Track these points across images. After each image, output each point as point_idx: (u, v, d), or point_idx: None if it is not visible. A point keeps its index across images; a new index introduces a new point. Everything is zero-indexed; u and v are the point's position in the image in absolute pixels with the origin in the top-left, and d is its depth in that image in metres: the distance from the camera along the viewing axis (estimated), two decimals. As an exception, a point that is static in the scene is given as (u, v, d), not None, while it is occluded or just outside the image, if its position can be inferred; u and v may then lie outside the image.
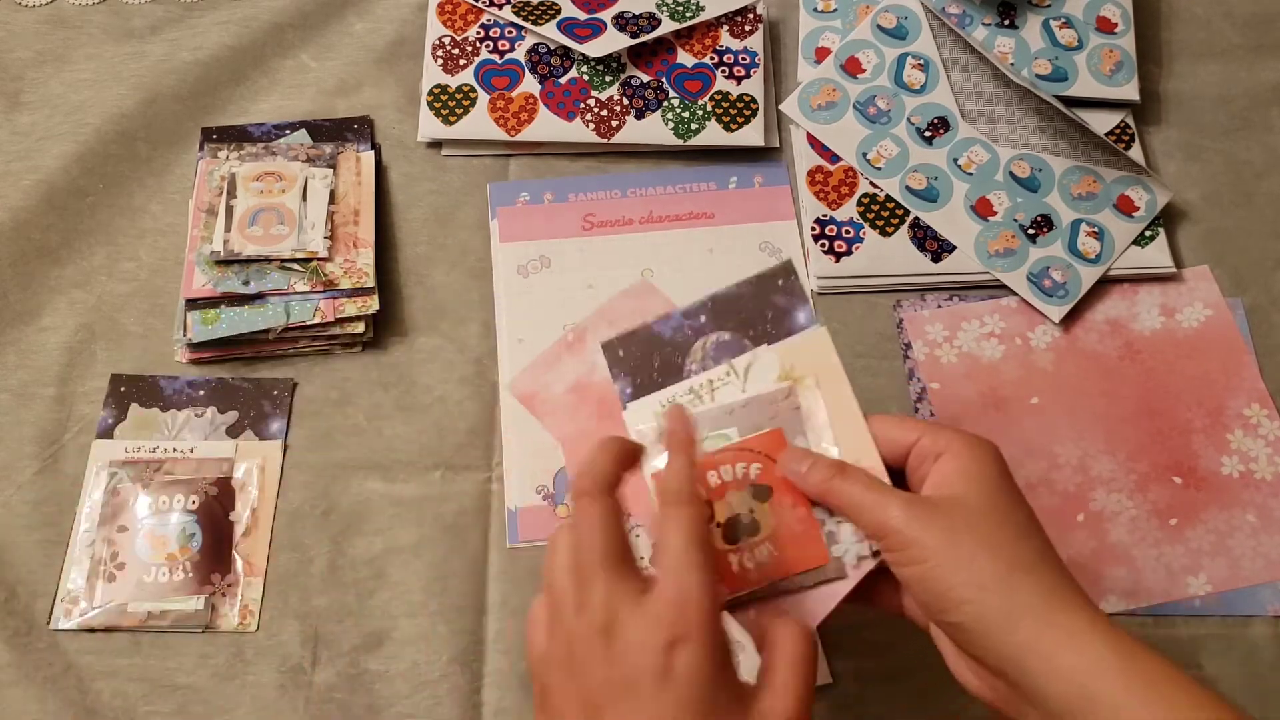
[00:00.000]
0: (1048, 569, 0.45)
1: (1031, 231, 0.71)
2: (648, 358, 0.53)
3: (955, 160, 0.72)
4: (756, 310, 0.53)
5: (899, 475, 0.49)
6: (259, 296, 0.66)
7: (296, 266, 0.67)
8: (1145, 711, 0.41)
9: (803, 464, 0.48)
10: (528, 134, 0.73)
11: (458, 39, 0.76)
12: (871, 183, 0.72)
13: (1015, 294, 0.70)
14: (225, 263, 0.67)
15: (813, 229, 0.71)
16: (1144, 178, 0.72)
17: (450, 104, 0.74)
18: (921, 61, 0.75)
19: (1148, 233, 0.71)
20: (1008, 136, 0.73)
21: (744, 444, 0.50)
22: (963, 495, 0.45)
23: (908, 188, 0.72)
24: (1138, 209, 0.71)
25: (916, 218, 0.71)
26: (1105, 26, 0.77)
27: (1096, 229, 0.71)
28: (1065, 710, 0.42)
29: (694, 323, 0.54)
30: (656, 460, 0.49)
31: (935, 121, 0.73)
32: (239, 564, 0.62)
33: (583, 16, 0.75)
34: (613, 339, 0.54)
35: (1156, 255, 0.71)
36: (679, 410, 0.49)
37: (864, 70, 0.75)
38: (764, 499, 0.50)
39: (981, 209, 0.71)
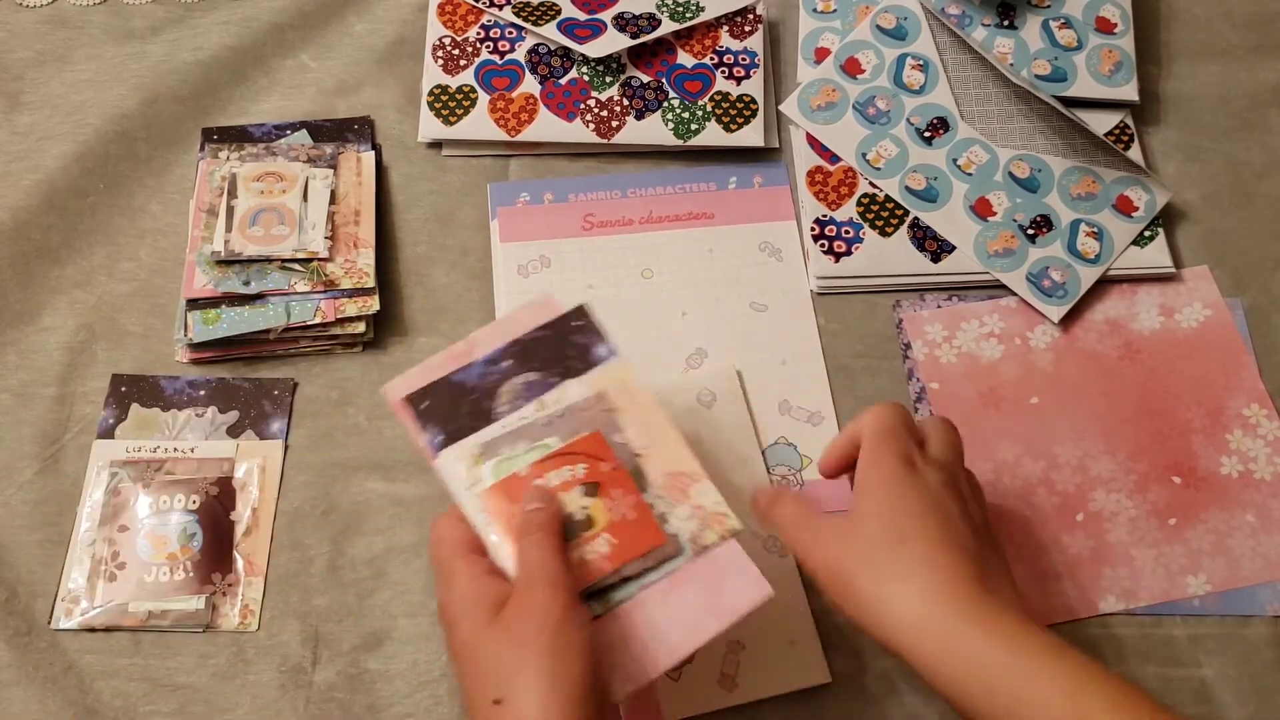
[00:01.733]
0: (920, 568, 0.50)
1: (1031, 232, 0.71)
2: (455, 406, 0.55)
3: (955, 160, 0.73)
4: (558, 349, 0.56)
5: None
6: (259, 296, 0.66)
7: (297, 266, 0.67)
8: (1037, 688, 0.46)
9: (757, 496, 0.57)
10: (528, 134, 0.73)
11: (458, 39, 0.76)
12: (871, 183, 0.73)
13: (1015, 294, 0.70)
14: (226, 263, 0.67)
15: (812, 229, 0.71)
16: (1143, 178, 0.72)
17: (450, 104, 0.74)
18: (921, 62, 0.75)
19: (1147, 233, 0.71)
20: (1007, 137, 0.73)
21: (567, 448, 0.54)
22: (853, 514, 0.52)
23: (907, 188, 0.72)
24: (1137, 209, 0.71)
25: (916, 218, 0.71)
26: (1105, 27, 0.77)
27: (1096, 229, 0.71)
28: (962, 704, 0.48)
29: (497, 368, 0.56)
30: (474, 504, 0.53)
31: (935, 122, 0.74)
32: (240, 563, 0.62)
33: (583, 17, 0.75)
34: (412, 393, 0.55)
35: (1156, 255, 0.71)
36: (539, 492, 0.52)
37: (863, 71, 0.75)
38: (594, 494, 0.53)
39: (981, 209, 0.71)
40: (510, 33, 0.76)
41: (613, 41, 0.74)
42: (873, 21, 0.76)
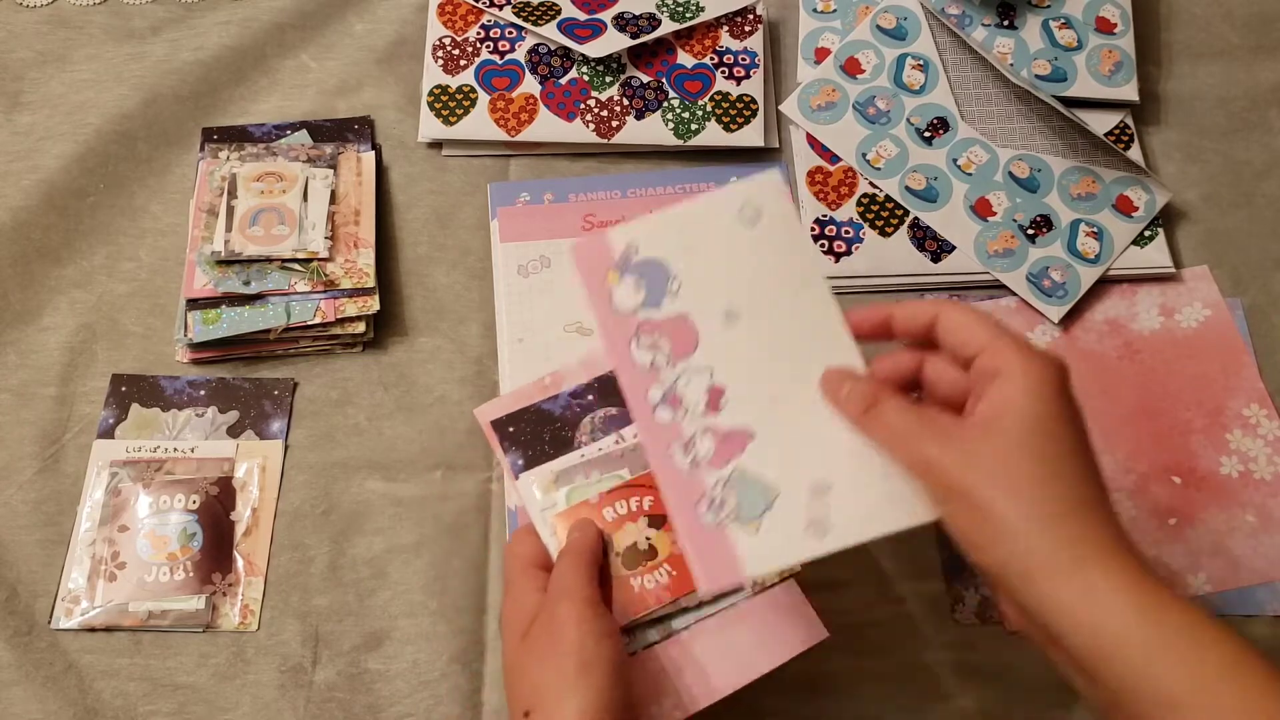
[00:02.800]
0: (1077, 517, 0.43)
1: (1031, 232, 0.71)
2: (538, 433, 0.60)
3: (955, 160, 0.73)
4: None
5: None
6: (260, 296, 0.66)
7: (297, 266, 0.67)
8: (1166, 670, 0.41)
9: (841, 387, 0.49)
10: (528, 134, 0.73)
11: (458, 39, 0.76)
12: (871, 183, 0.73)
13: (1015, 294, 0.70)
14: (226, 263, 0.67)
15: (812, 229, 0.71)
16: (1143, 178, 0.72)
17: (450, 104, 0.74)
18: (921, 62, 0.75)
19: (1147, 233, 0.71)
20: (1007, 137, 0.73)
21: (635, 480, 0.58)
22: (1002, 431, 0.44)
23: (907, 188, 0.72)
24: (1137, 209, 0.71)
25: (916, 218, 0.71)
26: (1105, 27, 0.77)
27: (1096, 229, 0.71)
28: (1088, 663, 0.42)
29: (581, 401, 0.61)
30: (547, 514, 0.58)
31: (935, 122, 0.74)
32: (240, 563, 0.62)
33: (583, 17, 0.76)
34: (501, 417, 0.61)
35: (1156, 255, 0.71)
36: (582, 519, 0.56)
37: (863, 71, 0.75)
38: (658, 526, 0.57)
39: (981, 209, 0.71)
40: (510, 33, 0.76)
41: (613, 41, 0.74)
42: (873, 21, 0.76)
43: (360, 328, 0.67)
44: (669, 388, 0.51)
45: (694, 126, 0.74)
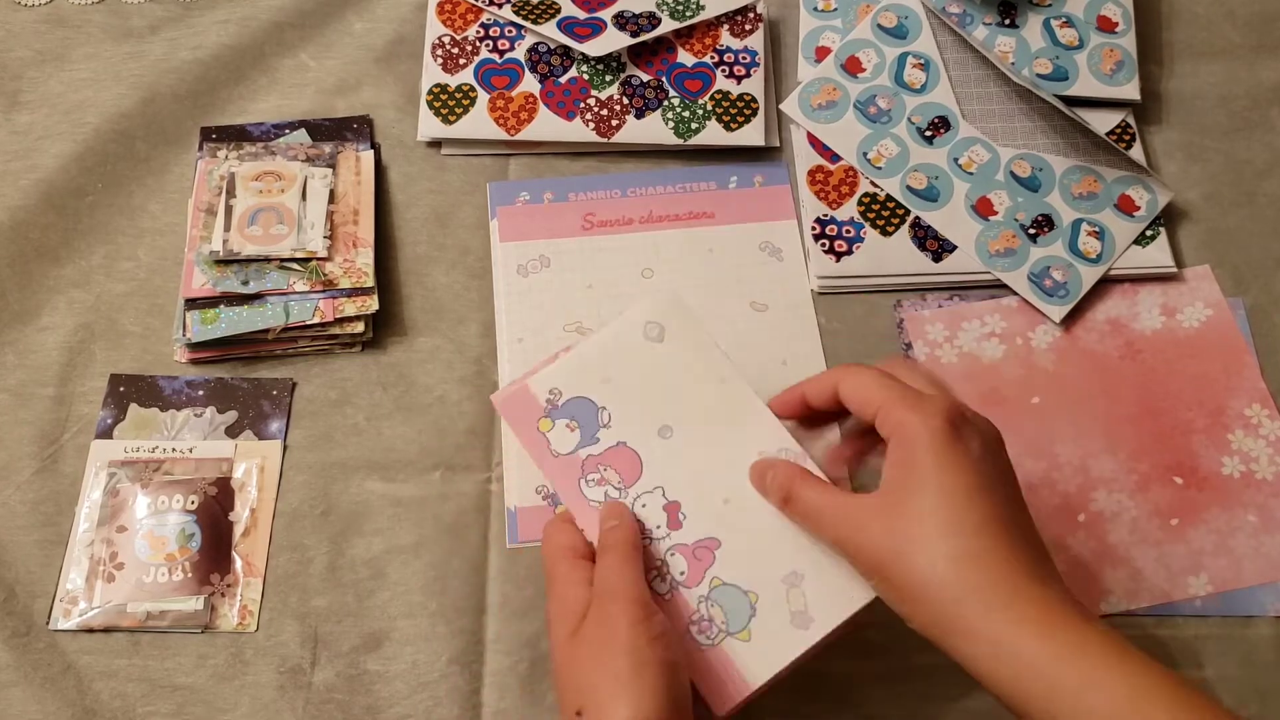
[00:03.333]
0: (979, 566, 0.45)
1: (1032, 231, 0.70)
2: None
3: (956, 160, 0.72)
4: None
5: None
6: (258, 296, 0.66)
7: (296, 266, 0.67)
8: (1089, 703, 0.43)
9: (764, 478, 0.53)
10: (528, 133, 0.73)
11: (457, 38, 0.76)
12: (872, 182, 0.72)
13: (1016, 294, 0.70)
14: (224, 262, 0.67)
15: (813, 229, 0.71)
16: (1145, 178, 0.72)
17: (450, 103, 0.74)
18: (922, 61, 0.75)
19: (1149, 232, 0.71)
20: (1008, 136, 0.73)
21: None
22: (899, 500, 0.47)
23: (908, 187, 0.72)
24: (1139, 209, 0.71)
25: (917, 217, 0.71)
26: (1106, 26, 0.77)
27: (1097, 228, 0.71)
28: (1018, 707, 0.45)
29: None
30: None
31: (936, 121, 0.73)
32: (238, 564, 0.62)
33: (583, 16, 0.75)
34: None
35: (1157, 255, 0.71)
36: (616, 508, 0.54)
37: (864, 70, 0.75)
38: None
39: (982, 208, 0.71)
40: (510, 31, 0.76)
41: (612, 40, 0.74)
42: (873, 20, 0.76)
43: (359, 327, 0.67)
44: None
45: (694, 125, 0.73)
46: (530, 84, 0.74)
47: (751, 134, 0.74)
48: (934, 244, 0.71)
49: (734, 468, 0.54)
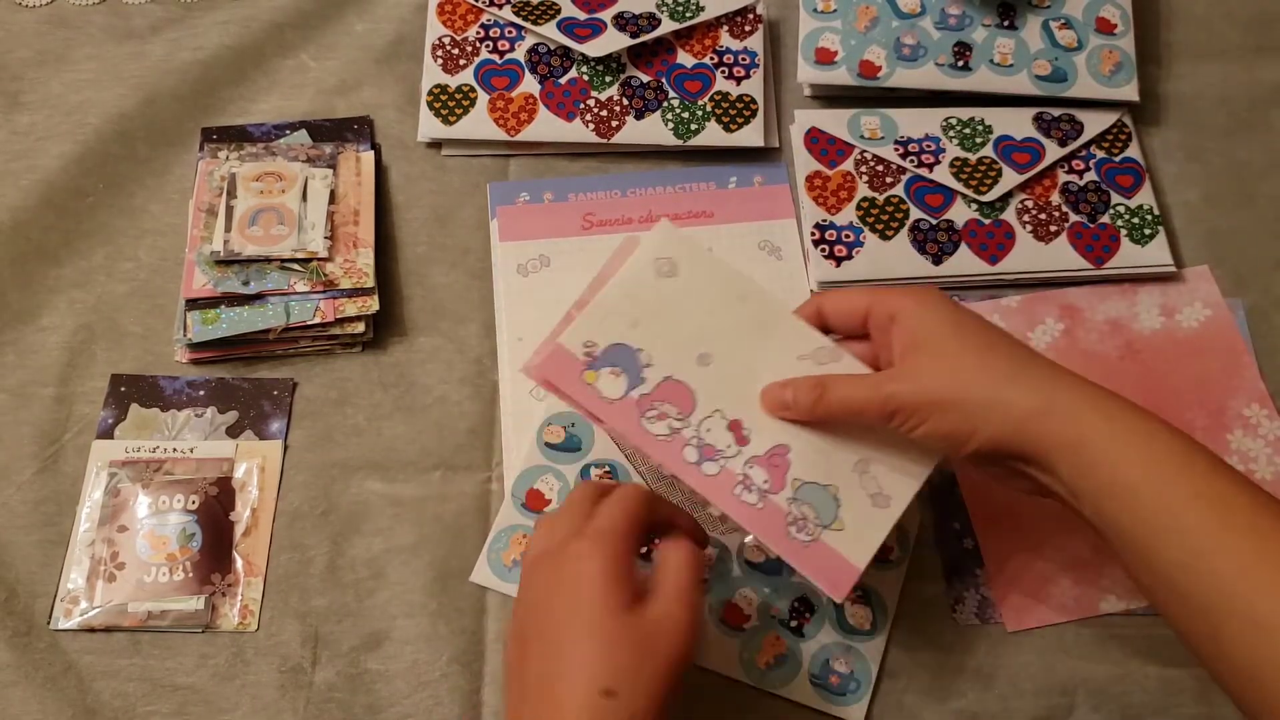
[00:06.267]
0: (1026, 370, 0.51)
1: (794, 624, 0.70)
2: None
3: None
4: None
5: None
6: (259, 296, 0.66)
7: (296, 266, 0.67)
8: (1123, 459, 0.49)
9: (785, 395, 0.54)
10: (528, 134, 0.73)
11: (458, 39, 0.76)
12: (871, 187, 0.72)
13: (1016, 292, 0.70)
14: (225, 263, 0.67)
15: (812, 234, 0.71)
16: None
17: (450, 104, 0.74)
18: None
19: (1148, 231, 0.71)
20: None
21: None
22: (929, 349, 0.52)
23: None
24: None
25: (917, 220, 0.71)
26: (1105, 27, 0.77)
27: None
28: (1078, 481, 0.50)
29: None
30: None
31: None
32: (239, 564, 0.62)
33: (583, 16, 0.75)
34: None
35: (1157, 255, 0.71)
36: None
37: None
38: None
39: (730, 616, 0.71)
40: (510, 32, 0.76)
41: (612, 41, 0.74)
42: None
43: (359, 328, 0.67)
44: (698, 443, 0.54)
45: (694, 126, 0.73)
46: (530, 85, 0.74)
47: (751, 135, 0.74)
48: (934, 247, 0.71)
49: (779, 376, 0.55)
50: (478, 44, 0.76)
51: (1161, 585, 0.49)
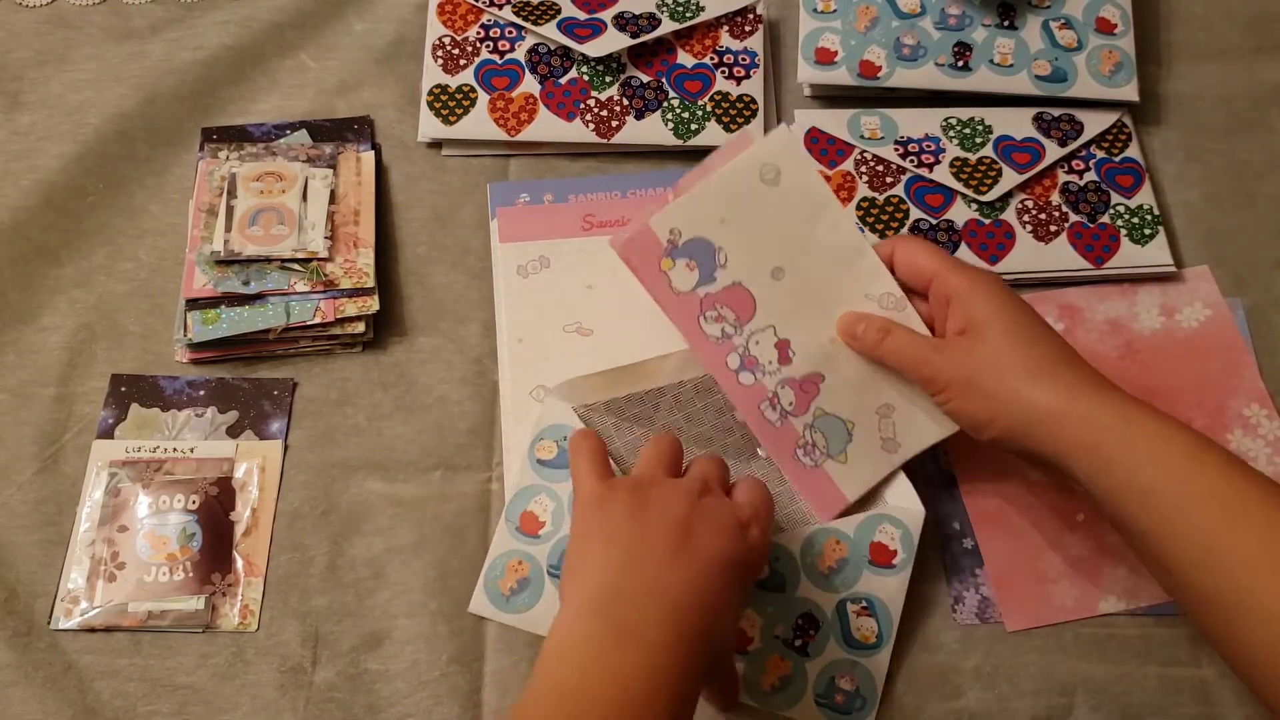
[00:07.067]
0: (1058, 371, 0.55)
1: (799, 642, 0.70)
2: None
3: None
4: None
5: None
6: (259, 296, 0.66)
7: (297, 266, 0.67)
8: (1140, 463, 0.52)
9: (857, 327, 0.58)
10: (528, 134, 0.73)
11: (458, 39, 0.76)
12: (871, 186, 0.72)
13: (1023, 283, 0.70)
14: (225, 263, 0.67)
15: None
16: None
17: (450, 104, 0.74)
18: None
19: (1148, 231, 0.71)
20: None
21: None
22: (978, 334, 0.56)
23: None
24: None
25: (917, 219, 0.71)
26: (1105, 27, 0.77)
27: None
28: (1094, 479, 0.52)
29: None
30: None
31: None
32: (239, 564, 0.62)
33: (583, 16, 0.75)
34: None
35: (1157, 254, 0.71)
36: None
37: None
38: None
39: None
40: (510, 32, 0.76)
41: (613, 41, 0.74)
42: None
43: (360, 328, 0.67)
44: (744, 352, 0.57)
45: (694, 126, 0.73)
46: (530, 85, 0.74)
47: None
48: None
49: (841, 309, 0.58)
50: (478, 44, 0.76)
51: (1179, 583, 0.51)
